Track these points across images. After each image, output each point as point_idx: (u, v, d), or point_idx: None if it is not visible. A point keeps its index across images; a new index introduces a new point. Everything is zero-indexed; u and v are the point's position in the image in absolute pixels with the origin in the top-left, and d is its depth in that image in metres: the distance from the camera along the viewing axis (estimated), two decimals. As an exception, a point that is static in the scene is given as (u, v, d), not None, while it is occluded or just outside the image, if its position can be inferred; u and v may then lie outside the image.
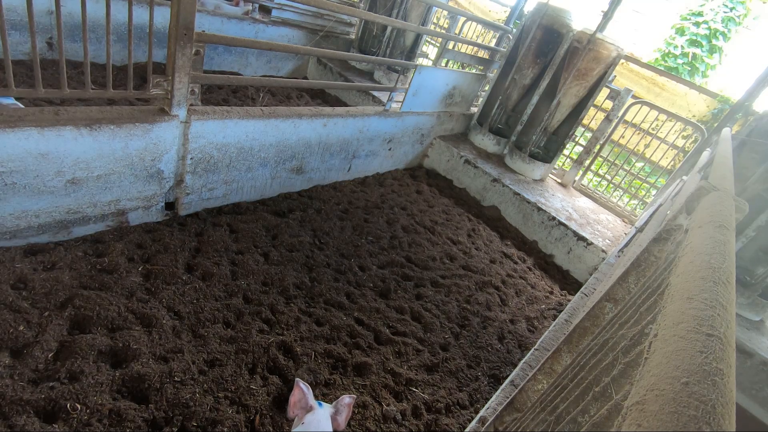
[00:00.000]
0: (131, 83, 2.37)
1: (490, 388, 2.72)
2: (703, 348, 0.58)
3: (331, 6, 3.14)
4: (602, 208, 5.38)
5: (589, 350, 1.14)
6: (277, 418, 2.04)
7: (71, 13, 3.98)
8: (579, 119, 5.12)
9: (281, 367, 2.26)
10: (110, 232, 2.67)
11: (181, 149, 2.74)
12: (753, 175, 3.42)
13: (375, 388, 2.37)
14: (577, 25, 4.92)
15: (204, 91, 4.54)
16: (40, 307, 2.06)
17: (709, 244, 0.89)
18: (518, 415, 1.52)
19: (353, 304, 2.89)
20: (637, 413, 0.51)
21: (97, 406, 1.77)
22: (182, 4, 2.23)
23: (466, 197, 5.06)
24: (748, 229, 3.42)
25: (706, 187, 1.34)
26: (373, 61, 4.18)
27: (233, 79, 3.09)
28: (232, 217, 3.18)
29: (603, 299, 1.53)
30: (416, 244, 3.76)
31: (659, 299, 0.90)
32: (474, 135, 5.71)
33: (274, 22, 5.67)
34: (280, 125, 3.23)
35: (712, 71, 14.55)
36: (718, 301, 0.69)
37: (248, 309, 2.52)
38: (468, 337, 3.01)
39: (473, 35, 8.12)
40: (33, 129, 2.05)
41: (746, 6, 14.18)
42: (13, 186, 2.14)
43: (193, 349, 2.17)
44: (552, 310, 3.73)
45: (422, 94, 4.49)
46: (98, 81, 3.73)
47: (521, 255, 4.37)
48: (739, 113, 4.78)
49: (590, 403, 0.89)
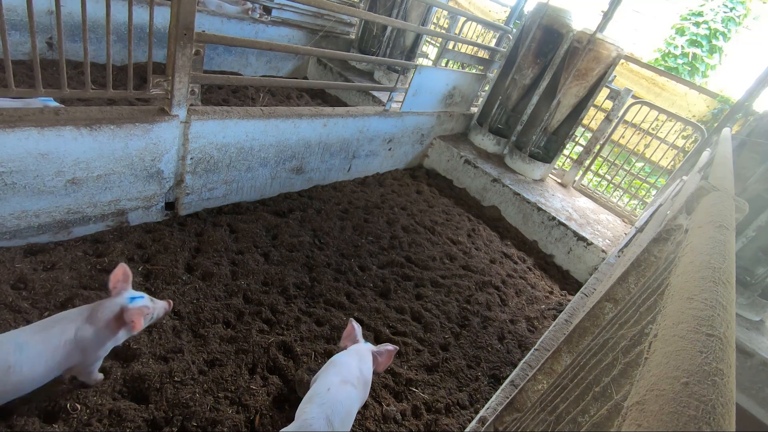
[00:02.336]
0: (131, 83, 2.37)
1: (490, 388, 2.72)
2: (703, 348, 0.58)
3: (331, 6, 3.14)
4: (602, 208, 5.38)
5: (589, 350, 1.14)
6: (277, 417, 2.04)
7: (71, 13, 3.98)
8: (579, 119, 5.12)
9: (281, 367, 2.26)
10: (110, 232, 2.67)
11: (181, 149, 2.74)
12: (753, 175, 3.42)
13: (375, 388, 2.37)
14: (577, 25, 4.92)
15: (204, 91, 4.54)
16: (40, 307, 2.06)
17: (709, 244, 0.89)
18: (518, 415, 1.52)
19: (353, 304, 2.89)
20: (637, 413, 0.51)
21: (97, 406, 1.77)
22: (182, 4, 2.23)
23: (466, 197, 5.06)
24: (748, 229, 3.42)
25: (706, 187, 1.34)
26: (373, 61, 4.18)
27: (233, 79, 3.10)
28: (232, 217, 3.18)
29: (603, 299, 1.53)
30: (416, 244, 3.76)
31: (659, 299, 0.90)
32: (474, 135, 5.71)
33: (274, 22, 5.67)
34: (280, 125, 3.23)
35: (712, 71, 14.56)
36: (718, 301, 0.69)
37: (248, 309, 2.52)
38: (468, 337, 3.01)
39: (473, 35, 8.12)
40: (33, 129, 2.05)
41: (746, 6, 14.18)
42: (13, 186, 2.14)
43: (193, 349, 2.17)
44: (552, 310, 3.73)
45: (422, 94, 4.49)
46: (98, 81, 3.73)
47: (521, 255, 4.37)
48: (739, 113, 4.78)
49: (590, 403, 0.89)
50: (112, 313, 1.68)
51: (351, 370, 1.88)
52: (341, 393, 1.74)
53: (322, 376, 1.87)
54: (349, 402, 1.75)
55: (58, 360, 1.57)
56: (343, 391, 1.75)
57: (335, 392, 1.73)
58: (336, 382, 1.78)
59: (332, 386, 1.75)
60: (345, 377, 1.82)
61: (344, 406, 1.71)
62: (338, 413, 1.66)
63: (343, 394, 1.74)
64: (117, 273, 1.74)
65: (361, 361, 1.96)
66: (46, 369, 1.55)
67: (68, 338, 1.58)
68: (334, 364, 1.92)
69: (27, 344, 1.50)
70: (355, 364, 1.92)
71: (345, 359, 1.94)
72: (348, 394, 1.76)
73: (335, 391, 1.73)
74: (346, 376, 1.83)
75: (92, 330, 1.63)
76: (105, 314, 1.66)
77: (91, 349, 1.64)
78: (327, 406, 1.65)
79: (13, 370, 1.44)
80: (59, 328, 1.59)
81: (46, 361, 1.53)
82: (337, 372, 1.85)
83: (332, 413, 1.64)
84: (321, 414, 1.61)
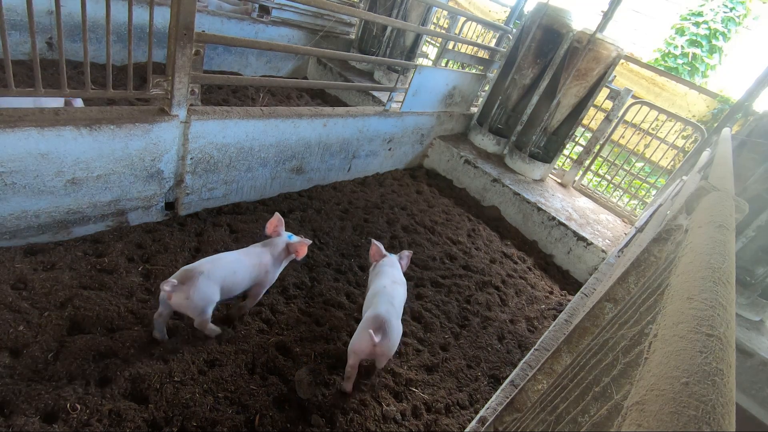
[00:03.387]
0: (131, 83, 2.37)
1: (490, 388, 2.72)
2: (703, 348, 0.58)
3: (331, 6, 3.14)
4: (602, 208, 5.38)
5: (589, 350, 1.14)
6: (277, 417, 2.03)
7: (71, 13, 3.98)
8: (579, 119, 5.12)
9: (281, 367, 2.26)
10: (110, 232, 2.67)
11: (181, 149, 2.74)
12: (753, 175, 3.42)
13: (375, 388, 2.37)
14: (577, 25, 4.92)
15: (204, 91, 4.54)
16: (40, 307, 2.06)
17: (709, 244, 0.89)
18: (518, 415, 1.52)
19: (353, 304, 2.89)
20: (637, 413, 0.51)
21: (97, 406, 1.77)
22: (182, 4, 2.23)
23: (466, 197, 5.06)
24: (748, 229, 3.42)
25: (706, 187, 1.34)
26: (373, 61, 4.18)
27: (233, 79, 3.09)
28: (232, 217, 3.18)
29: (603, 299, 1.53)
30: (416, 244, 3.76)
31: (659, 299, 0.90)
32: (474, 135, 5.71)
33: (274, 22, 5.67)
34: (280, 125, 3.23)
35: (712, 71, 14.55)
36: (718, 301, 0.69)
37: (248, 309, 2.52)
38: (468, 337, 3.01)
39: (473, 35, 8.12)
40: (33, 129, 2.05)
41: (746, 6, 14.17)
42: (13, 186, 2.14)
43: (192, 349, 2.17)
44: (552, 310, 3.73)
45: (422, 94, 4.49)
46: (98, 81, 3.73)
47: (521, 255, 4.37)
48: (739, 113, 4.78)
49: (590, 403, 0.89)
50: (281, 247, 2.41)
51: (394, 274, 2.58)
52: (394, 290, 2.42)
53: (375, 281, 2.50)
54: (400, 296, 2.45)
55: (254, 275, 2.29)
56: (394, 288, 2.43)
57: (390, 289, 2.39)
58: (388, 282, 2.45)
59: (387, 285, 2.41)
60: (393, 279, 2.51)
61: (398, 299, 2.40)
62: (397, 301, 2.37)
63: (395, 290, 2.43)
64: (273, 221, 2.46)
65: (395, 268, 2.64)
66: (249, 280, 2.27)
67: (262, 261, 2.32)
68: (380, 273, 2.56)
69: (242, 261, 2.23)
70: (395, 270, 2.62)
71: (387, 268, 2.59)
72: (397, 290, 2.45)
73: (390, 288, 2.40)
74: (393, 278, 2.52)
75: (272, 258, 2.37)
76: (278, 248, 2.41)
77: (270, 272, 2.37)
78: (387, 296, 2.33)
79: (236, 275, 2.16)
80: (257, 253, 2.33)
81: (249, 274, 2.25)
82: (385, 276, 2.51)
83: (392, 300, 2.32)
84: (386, 301, 2.28)
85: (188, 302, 1.97)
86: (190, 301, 1.97)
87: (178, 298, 1.96)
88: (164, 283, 1.87)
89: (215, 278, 2.05)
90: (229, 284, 2.13)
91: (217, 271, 2.07)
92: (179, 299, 1.96)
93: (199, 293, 1.98)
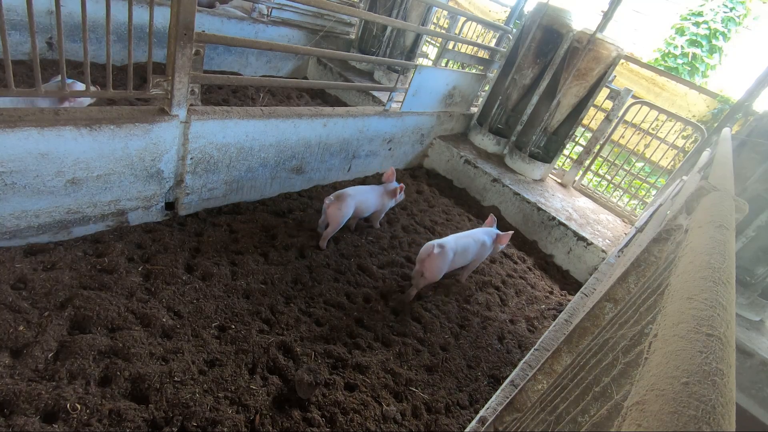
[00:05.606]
0: (131, 83, 2.37)
1: (490, 388, 2.72)
2: (703, 348, 0.58)
3: (331, 6, 3.14)
4: (602, 208, 5.38)
5: (589, 350, 1.14)
6: (277, 418, 2.04)
7: (71, 13, 3.98)
8: (579, 119, 5.12)
9: (281, 367, 2.26)
10: (110, 232, 2.67)
11: (181, 149, 2.74)
12: (753, 175, 3.42)
13: (375, 388, 2.37)
14: (577, 25, 4.92)
15: (204, 91, 4.54)
16: (40, 307, 2.06)
17: (709, 244, 0.89)
18: (518, 415, 1.52)
19: (353, 304, 2.89)
20: (637, 413, 0.51)
21: (97, 406, 1.77)
22: (182, 4, 2.23)
23: (466, 197, 5.06)
24: (748, 229, 3.42)
25: (706, 187, 1.34)
26: (373, 61, 4.18)
27: (233, 79, 3.09)
28: (231, 217, 3.18)
29: (603, 299, 1.53)
30: (416, 244, 3.76)
31: (659, 299, 0.90)
32: (474, 135, 5.71)
33: (274, 22, 5.67)
34: (280, 125, 3.23)
35: (712, 71, 14.54)
36: (718, 301, 0.69)
37: (248, 309, 2.52)
38: (468, 337, 3.01)
39: (473, 35, 8.12)
40: (33, 129, 2.05)
41: (746, 6, 14.17)
42: (13, 186, 2.14)
43: (193, 349, 2.17)
44: (552, 310, 3.73)
45: (422, 94, 4.49)
46: (98, 81, 3.73)
47: (521, 255, 4.37)
48: (739, 113, 4.77)
49: (590, 403, 0.89)
50: (391, 188, 3.51)
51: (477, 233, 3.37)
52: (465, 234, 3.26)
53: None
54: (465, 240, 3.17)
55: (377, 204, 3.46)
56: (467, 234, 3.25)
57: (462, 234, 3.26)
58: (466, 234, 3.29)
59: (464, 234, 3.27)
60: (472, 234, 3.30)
61: (462, 239, 3.17)
62: (461, 241, 3.12)
63: (466, 234, 3.24)
64: (390, 171, 3.57)
65: (482, 232, 3.41)
66: (373, 207, 3.42)
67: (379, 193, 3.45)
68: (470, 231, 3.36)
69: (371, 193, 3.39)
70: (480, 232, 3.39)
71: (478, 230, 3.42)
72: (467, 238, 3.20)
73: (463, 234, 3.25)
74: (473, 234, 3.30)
75: (383, 195, 3.49)
76: (389, 188, 3.51)
77: (382, 205, 3.51)
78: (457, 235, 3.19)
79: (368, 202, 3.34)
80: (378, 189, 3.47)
81: (374, 202, 3.40)
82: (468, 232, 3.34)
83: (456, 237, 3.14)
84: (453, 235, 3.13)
85: (339, 212, 3.00)
86: (339, 211, 2.99)
87: (332, 209, 2.98)
88: (326, 198, 3.00)
89: (356, 200, 3.12)
90: (363, 207, 3.26)
91: (358, 195, 3.14)
92: (333, 210, 2.99)
93: (346, 208, 3.02)
